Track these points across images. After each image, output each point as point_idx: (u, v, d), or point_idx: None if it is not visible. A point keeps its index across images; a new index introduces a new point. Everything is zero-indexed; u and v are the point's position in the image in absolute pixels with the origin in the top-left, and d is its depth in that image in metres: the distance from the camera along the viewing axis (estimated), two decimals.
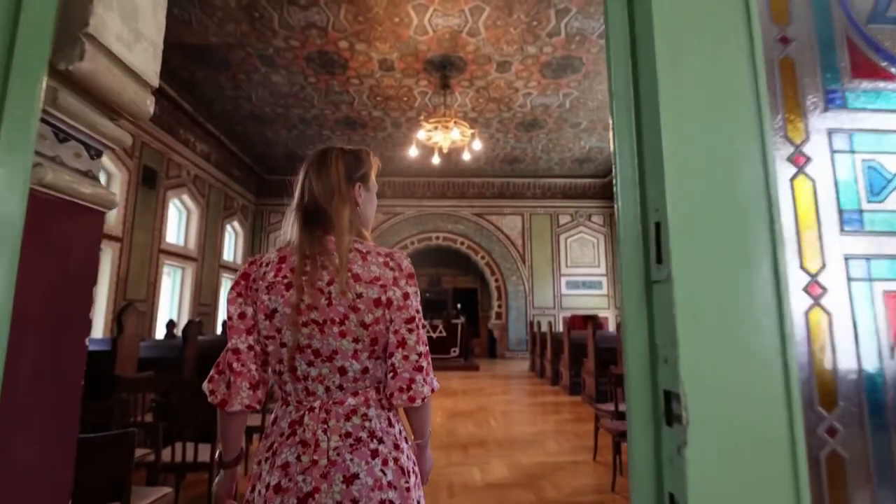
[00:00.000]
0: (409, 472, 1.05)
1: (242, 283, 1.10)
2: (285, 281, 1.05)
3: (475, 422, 5.55)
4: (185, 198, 10.46)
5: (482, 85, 8.68)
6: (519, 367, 11.63)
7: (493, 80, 8.53)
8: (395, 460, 1.03)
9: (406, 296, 1.08)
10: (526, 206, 14.62)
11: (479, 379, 9.60)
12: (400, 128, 10.48)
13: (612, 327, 13.99)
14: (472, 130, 7.96)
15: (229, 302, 1.10)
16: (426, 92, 8.92)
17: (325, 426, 1.00)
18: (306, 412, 1.02)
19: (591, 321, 6.80)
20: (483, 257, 14.47)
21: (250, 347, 1.07)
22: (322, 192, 1.13)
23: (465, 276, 17.68)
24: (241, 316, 1.08)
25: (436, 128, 7.60)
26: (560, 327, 13.00)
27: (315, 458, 0.98)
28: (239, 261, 13.39)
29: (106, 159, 7.84)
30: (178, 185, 10.06)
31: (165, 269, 9.94)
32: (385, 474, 1.00)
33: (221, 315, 12.53)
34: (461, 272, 17.64)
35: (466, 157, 8.57)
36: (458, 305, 14.44)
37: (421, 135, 7.74)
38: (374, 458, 1.00)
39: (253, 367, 1.06)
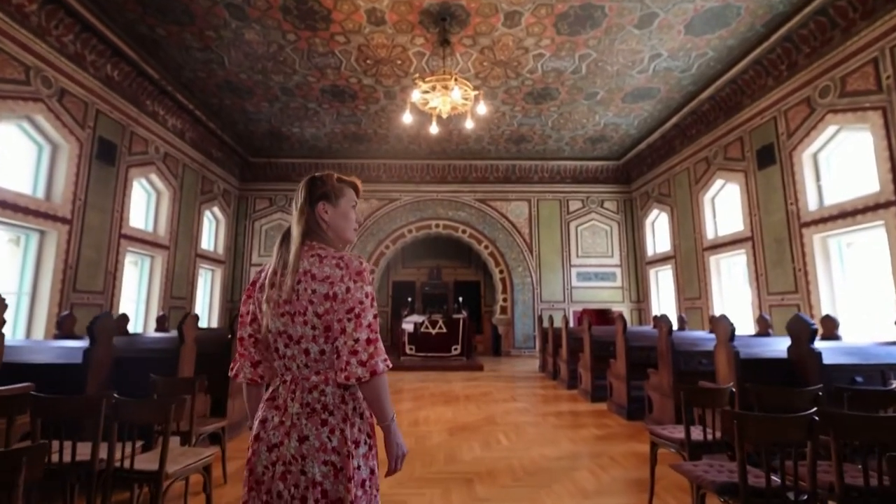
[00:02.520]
0: (356, 443, 1.26)
1: (251, 287, 1.42)
2: (269, 283, 1.34)
3: (482, 440, 4.44)
4: (154, 178, 9.34)
5: (487, 44, 7.53)
6: (527, 367, 10.52)
7: (500, 38, 7.37)
8: (342, 431, 1.24)
9: (348, 290, 1.28)
10: (533, 190, 13.47)
11: (484, 381, 8.49)
12: (394, 99, 9.32)
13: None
14: (475, 91, 6.79)
15: (242, 303, 1.43)
16: (423, 53, 7.77)
17: (293, 395, 1.28)
18: (281, 384, 1.32)
19: (619, 317, 5.66)
20: (486, 247, 13.34)
21: (251, 336, 1.38)
22: (293, 215, 1.43)
23: (467, 267, 16.58)
24: (246, 313, 1.40)
25: (433, 87, 6.45)
26: (572, 322, 11.88)
27: (283, 419, 1.26)
28: (220, 250, 12.29)
29: (47, 125, 6.73)
30: (145, 163, 8.93)
31: (129, 258, 8.83)
32: (331, 440, 1.24)
33: (200, 309, 11.43)
34: (462, 264, 16.53)
35: (469, 124, 7.41)
36: (460, 299, 13.31)
37: (415, 96, 6.59)
38: (323, 426, 1.24)
39: (253, 350, 1.38)
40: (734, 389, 2.60)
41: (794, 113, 7.60)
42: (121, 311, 8.29)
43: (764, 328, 6.97)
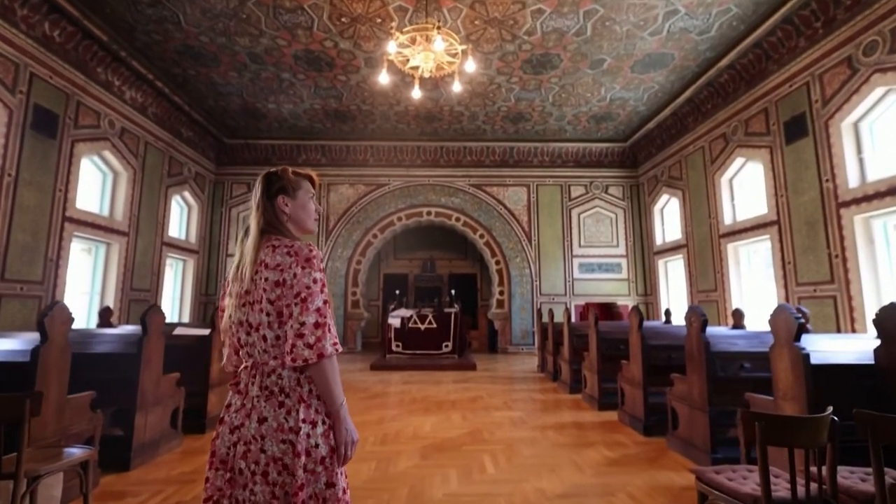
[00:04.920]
0: (313, 423, 1.29)
1: (227, 281, 1.45)
2: (232, 277, 1.42)
3: (461, 466, 3.49)
4: (109, 156, 8.36)
5: None
6: (525, 366, 9.58)
7: None
8: (297, 411, 1.27)
9: (295, 275, 1.30)
10: (532, 175, 12.48)
11: (476, 382, 7.55)
12: (376, 67, 8.32)
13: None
14: (462, 46, 5.80)
15: (221, 298, 1.49)
16: (405, 8, 6.76)
17: (253, 380, 1.33)
18: (244, 370, 1.38)
19: (634, 311, 4.69)
20: (482, 236, 12.36)
21: (229, 326, 1.41)
22: (251, 209, 1.46)
23: (463, 259, 15.63)
24: (225, 306, 1.44)
25: (413, 41, 5.47)
26: (574, 316, 10.91)
27: (244, 402, 1.32)
28: (192, 238, 11.33)
29: None
30: (95, 138, 7.95)
31: (77, 244, 7.88)
32: (287, 421, 1.27)
33: (169, 302, 10.49)
34: (458, 255, 15.57)
35: (457, 87, 6.42)
36: (452, 292, 12.35)
37: (391, 48, 5.59)
38: (280, 408, 1.28)
39: (235, 339, 1.40)
40: (835, 419, 1.64)
41: (831, 76, 6.60)
42: (66, 303, 7.34)
43: (739, 321, 6.13)
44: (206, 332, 4.64)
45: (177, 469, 3.39)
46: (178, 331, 5.32)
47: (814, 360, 2.57)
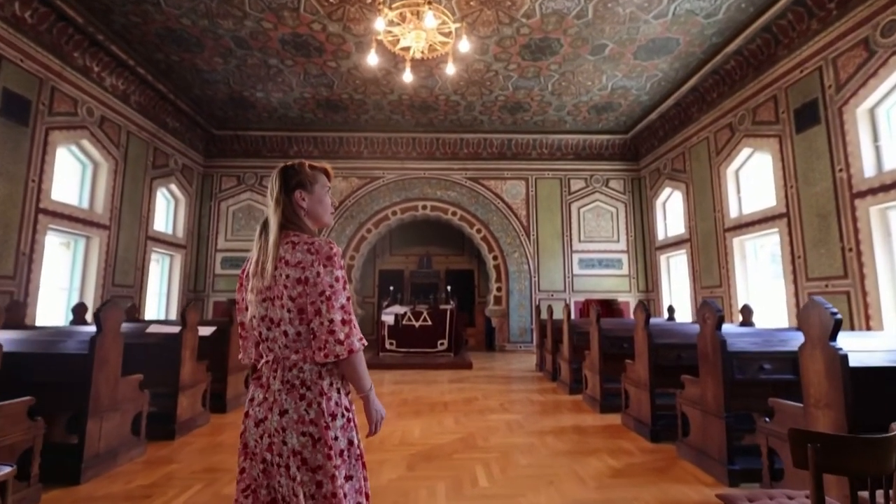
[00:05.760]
0: (333, 415, 1.31)
1: (242, 276, 1.48)
2: (252, 273, 1.42)
3: (451, 478, 3.15)
4: (87, 145, 7.99)
5: None
6: (523, 364, 9.24)
7: None
8: (319, 404, 1.30)
9: (318, 274, 1.32)
10: (531, 168, 12.12)
11: (471, 382, 7.22)
12: (366, 52, 7.91)
13: (633, 314, 11.60)
14: (456, 24, 5.44)
15: (237, 291, 1.50)
16: None
17: (275, 374, 1.35)
18: (265, 364, 1.39)
19: (640, 307, 4.35)
20: (479, 231, 12.01)
21: (252, 319, 1.41)
22: (268, 204, 1.46)
23: (460, 255, 15.29)
24: (241, 300, 1.47)
25: (403, 18, 5.10)
26: (573, 313, 10.58)
27: (266, 395, 1.34)
28: (179, 233, 10.96)
29: None
30: (73, 126, 7.58)
31: (54, 237, 7.52)
32: (308, 413, 1.30)
33: (154, 299, 10.14)
34: (455, 251, 15.23)
35: (450, 70, 6.06)
36: (448, 288, 12.01)
37: (380, 25, 5.22)
38: (301, 401, 1.31)
39: (256, 333, 1.41)
40: None
41: (846, 60, 6.26)
42: (40, 300, 7.00)
43: (747, 318, 5.78)
44: (177, 329, 4.29)
45: (134, 482, 3.05)
46: (153, 328, 4.98)
47: (852, 361, 2.24)
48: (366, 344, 1.37)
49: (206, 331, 5.14)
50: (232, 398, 5.15)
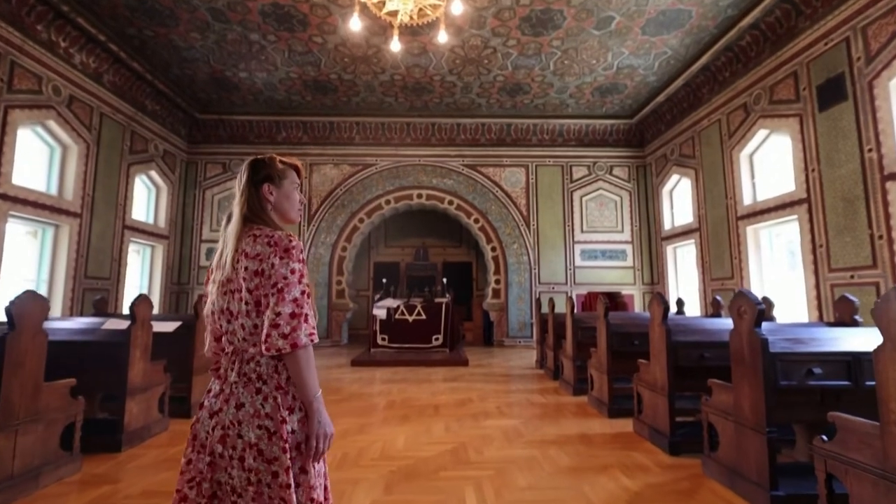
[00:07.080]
0: (290, 409, 1.29)
1: (210, 268, 1.43)
2: (215, 265, 1.40)
3: (435, 503, 2.64)
4: (53, 125, 7.42)
5: None
6: (522, 361, 8.73)
7: None
8: (275, 398, 1.27)
9: (273, 265, 1.28)
10: (531, 155, 11.55)
11: (467, 380, 6.71)
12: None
13: (637, 307, 11.10)
14: None
15: (205, 283, 1.46)
16: None
17: (232, 366, 1.33)
18: (224, 356, 1.37)
19: (657, 298, 3.81)
20: (477, 220, 11.47)
21: (212, 312, 1.39)
22: (235, 195, 1.45)
23: (457, 247, 14.74)
24: (208, 294, 1.41)
25: None
26: (576, 306, 10.05)
27: (223, 387, 1.33)
28: (161, 223, 10.41)
29: None
30: (37, 105, 7.02)
31: (18, 225, 6.98)
32: (264, 407, 1.26)
33: (131, 290, 9.60)
34: (452, 242, 14.69)
35: (443, 37, 5.48)
36: (444, 280, 11.48)
37: None
38: (257, 394, 1.28)
39: (217, 326, 1.38)
40: None
41: (878, 28, 5.69)
42: (1, 293, 6.47)
43: (768, 312, 5.18)
44: (125, 325, 3.76)
45: None
46: (109, 324, 4.44)
47: None
48: (315, 341, 1.30)
49: (168, 326, 4.61)
50: (197, 402, 4.62)
